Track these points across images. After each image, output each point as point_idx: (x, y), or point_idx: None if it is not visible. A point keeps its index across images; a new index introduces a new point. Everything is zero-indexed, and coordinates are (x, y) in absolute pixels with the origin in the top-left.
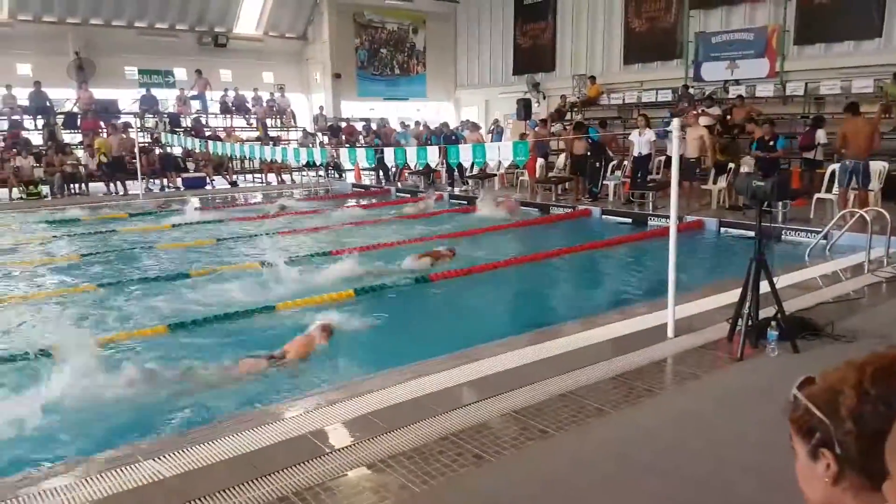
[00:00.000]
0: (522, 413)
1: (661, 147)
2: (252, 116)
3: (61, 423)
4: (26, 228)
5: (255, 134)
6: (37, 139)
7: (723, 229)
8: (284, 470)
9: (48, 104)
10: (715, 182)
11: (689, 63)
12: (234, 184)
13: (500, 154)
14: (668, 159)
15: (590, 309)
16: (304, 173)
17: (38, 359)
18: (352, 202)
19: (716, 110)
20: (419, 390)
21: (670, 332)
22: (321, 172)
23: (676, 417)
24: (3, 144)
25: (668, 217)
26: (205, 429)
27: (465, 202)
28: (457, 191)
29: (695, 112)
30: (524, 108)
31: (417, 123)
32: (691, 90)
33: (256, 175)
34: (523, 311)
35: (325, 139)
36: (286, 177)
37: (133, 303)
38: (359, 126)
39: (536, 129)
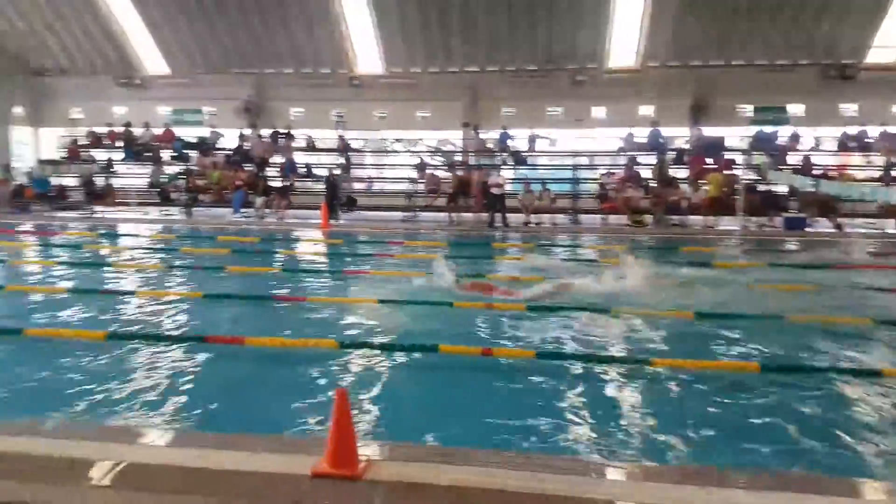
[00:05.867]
0: None
1: None
2: (873, 154)
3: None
4: (638, 254)
5: (876, 174)
6: (646, 173)
7: None
8: None
9: (661, 141)
10: None
11: None
12: (839, 227)
13: None
14: None
15: None
16: None
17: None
18: None
19: None
20: None
21: None
22: None
23: None
24: (619, 176)
25: None
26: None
27: None
28: None
29: None
30: None
31: None
32: None
33: (869, 220)
34: None
35: None
36: None
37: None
38: None
39: None
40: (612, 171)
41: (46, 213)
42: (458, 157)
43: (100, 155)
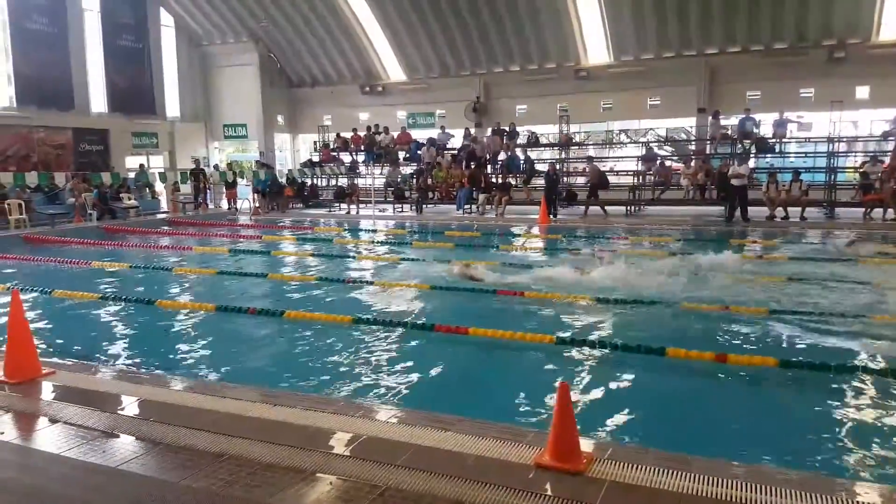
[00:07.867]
0: None
1: None
2: None
3: None
4: None
5: None
6: None
7: None
8: None
9: None
10: None
11: None
12: None
13: None
14: None
15: None
16: None
17: None
18: None
19: None
20: None
21: None
22: None
23: None
24: (887, 164)
25: None
26: None
27: None
28: None
29: None
30: None
31: None
32: None
33: None
34: None
35: None
36: None
37: None
38: None
39: None
40: (878, 158)
41: (302, 209)
42: (692, 146)
43: (346, 157)
